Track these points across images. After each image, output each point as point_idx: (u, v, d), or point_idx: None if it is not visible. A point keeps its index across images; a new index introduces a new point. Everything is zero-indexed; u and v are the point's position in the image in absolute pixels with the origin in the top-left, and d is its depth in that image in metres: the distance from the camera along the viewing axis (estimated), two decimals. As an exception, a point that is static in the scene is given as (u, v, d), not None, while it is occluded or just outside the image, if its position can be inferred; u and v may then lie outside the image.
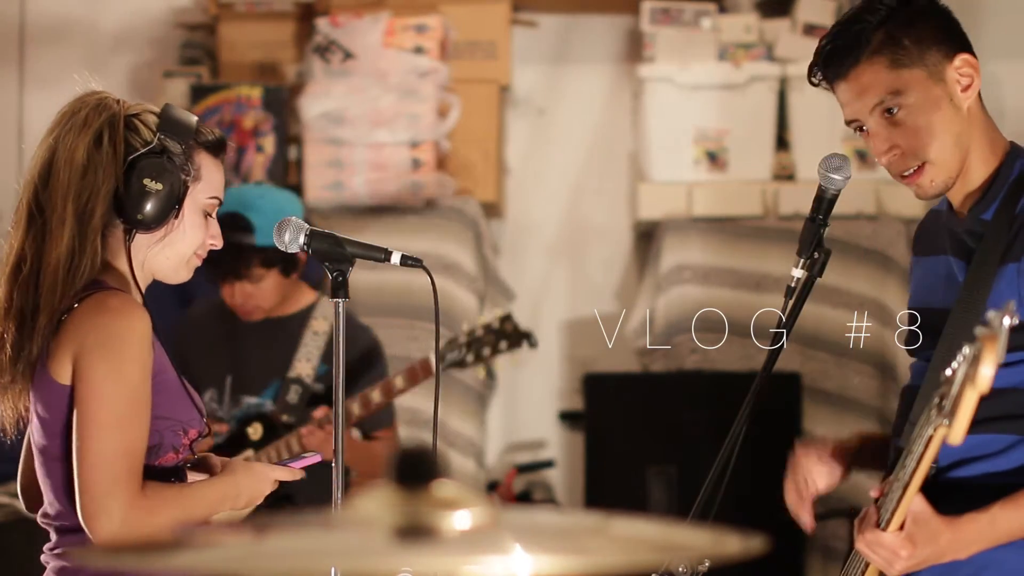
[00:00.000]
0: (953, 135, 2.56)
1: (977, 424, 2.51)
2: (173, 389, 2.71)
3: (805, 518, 2.72)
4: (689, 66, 5.43)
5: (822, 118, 5.40)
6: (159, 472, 2.70)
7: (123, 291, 2.70)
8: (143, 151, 2.69)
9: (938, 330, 2.60)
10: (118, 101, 2.75)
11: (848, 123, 2.64)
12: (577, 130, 5.82)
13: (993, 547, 2.49)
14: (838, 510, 4.75)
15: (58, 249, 2.65)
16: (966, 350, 2.15)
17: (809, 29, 5.44)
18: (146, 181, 2.67)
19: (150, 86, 5.70)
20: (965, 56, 2.58)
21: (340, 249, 2.80)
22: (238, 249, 4.00)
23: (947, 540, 2.45)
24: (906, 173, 2.59)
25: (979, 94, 2.61)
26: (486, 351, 4.20)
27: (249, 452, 4.09)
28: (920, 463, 2.35)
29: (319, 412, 4.07)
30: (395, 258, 2.82)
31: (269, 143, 5.41)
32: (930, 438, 2.29)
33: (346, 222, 5.14)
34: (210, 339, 4.25)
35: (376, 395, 4.14)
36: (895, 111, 2.55)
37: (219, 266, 4.00)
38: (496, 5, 5.53)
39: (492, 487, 5.38)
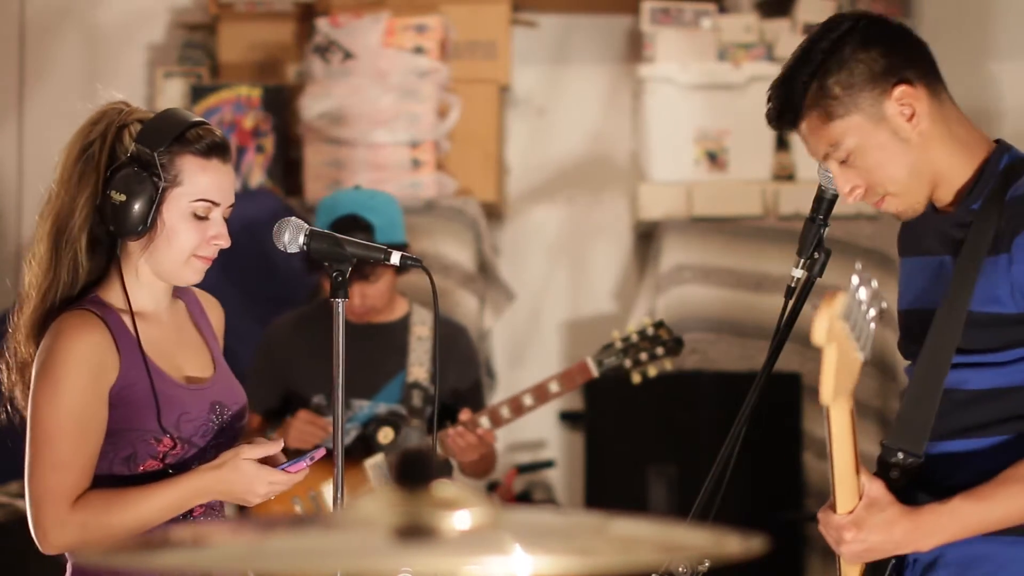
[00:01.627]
0: (906, 167, 2.55)
1: (983, 428, 2.51)
2: (141, 401, 2.73)
3: None
4: (689, 66, 5.43)
5: (822, 118, 5.40)
6: (141, 479, 2.73)
7: (87, 309, 2.73)
8: (121, 162, 2.72)
9: (926, 331, 2.59)
10: (121, 111, 2.77)
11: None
12: (577, 130, 5.82)
13: (962, 539, 2.49)
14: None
15: (38, 266, 2.74)
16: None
17: (809, 29, 5.43)
18: (112, 193, 2.71)
19: (150, 86, 5.70)
20: (902, 87, 2.53)
21: (340, 249, 2.80)
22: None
23: (903, 530, 2.44)
24: (875, 202, 2.61)
25: (936, 111, 2.56)
26: (643, 357, 4.21)
27: (380, 457, 4.11)
28: (829, 436, 2.35)
29: (464, 415, 4.09)
30: (395, 258, 2.82)
31: (269, 143, 5.41)
32: (827, 408, 2.33)
33: (346, 222, 5.13)
34: (308, 346, 4.25)
35: (528, 399, 4.16)
36: (843, 158, 2.56)
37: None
38: (496, 5, 5.53)
39: (492, 487, 5.38)
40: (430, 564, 1.42)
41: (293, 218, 2.83)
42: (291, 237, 2.80)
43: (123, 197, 2.70)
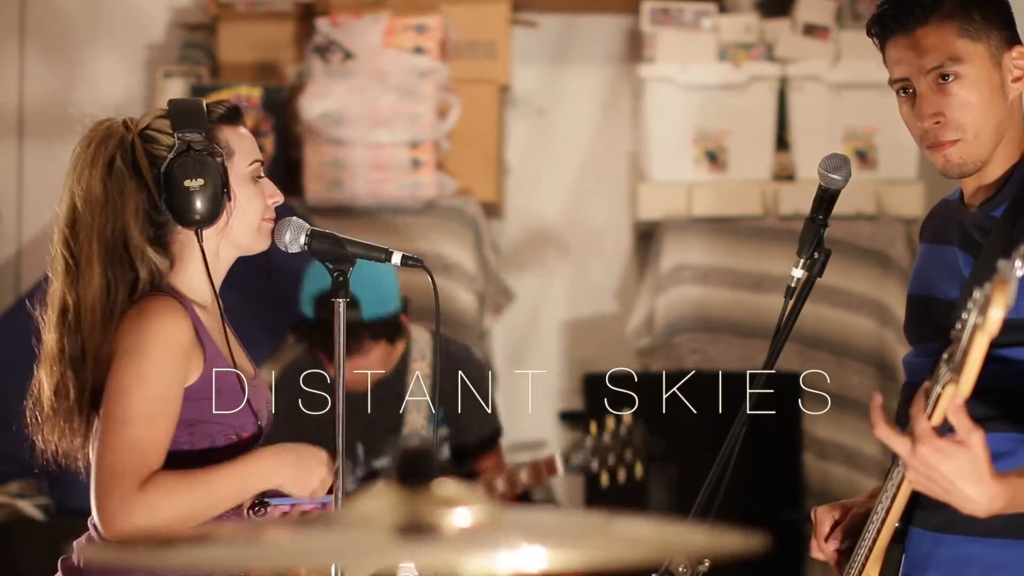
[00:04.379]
0: (996, 120, 2.55)
1: (988, 420, 2.49)
2: (226, 393, 2.74)
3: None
4: (689, 66, 5.43)
5: (822, 118, 5.41)
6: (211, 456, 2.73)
7: (169, 295, 2.73)
8: (171, 157, 2.72)
9: (935, 320, 2.58)
10: (126, 123, 2.78)
11: (893, 82, 2.60)
12: (577, 130, 5.82)
13: (1004, 545, 2.46)
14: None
15: (92, 289, 2.71)
16: (976, 294, 2.08)
17: (809, 29, 5.45)
18: (187, 183, 2.71)
19: (150, 86, 5.70)
20: (1022, 48, 2.57)
21: (340, 249, 2.80)
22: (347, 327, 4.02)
23: (987, 493, 2.21)
24: (940, 141, 2.57)
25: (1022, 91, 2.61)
26: (611, 459, 4.14)
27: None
28: (932, 420, 2.25)
29: None
30: (395, 258, 2.82)
31: (269, 143, 5.41)
32: (939, 396, 2.17)
33: (346, 222, 5.13)
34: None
35: (500, 484, 4.13)
36: (950, 79, 2.54)
37: (329, 345, 4.03)
38: (496, 5, 5.53)
39: (492, 487, 5.38)
40: (430, 563, 1.42)
41: (294, 218, 2.83)
42: (292, 237, 2.80)
43: (200, 181, 2.71)
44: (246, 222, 2.79)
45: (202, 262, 2.75)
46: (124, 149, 2.74)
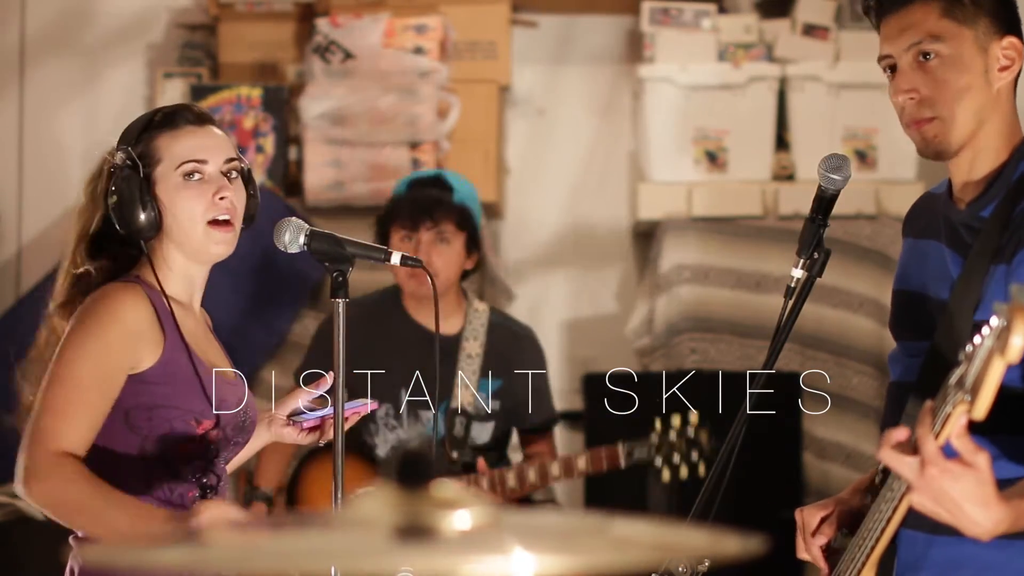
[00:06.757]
0: (975, 104, 2.54)
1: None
2: (184, 380, 2.74)
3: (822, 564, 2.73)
4: (689, 66, 5.43)
5: (822, 118, 5.41)
6: (170, 459, 2.73)
7: (136, 283, 2.76)
8: (103, 178, 2.81)
9: (922, 318, 2.58)
10: (112, 152, 2.84)
11: (881, 59, 2.61)
12: (577, 130, 5.82)
13: (996, 546, 2.45)
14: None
15: (67, 274, 2.81)
16: (993, 321, 2.05)
17: (809, 29, 5.44)
18: (109, 201, 2.77)
19: (150, 86, 5.70)
20: (1014, 39, 2.56)
21: (340, 249, 2.80)
22: (438, 199, 4.13)
23: (992, 516, 2.18)
24: (916, 119, 2.57)
25: (1014, 84, 2.60)
26: (676, 458, 4.14)
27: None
28: (938, 440, 2.23)
29: (480, 465, 4.14)
30: (395, 258, 2.82)
31: (269, 143, 5.42)
32: (947, 416, 2.14)
33: (346, 222, 5.13)
34: (375, 350, 4.13)
35: (555, 469, 4.15)
36: (930, 56, 2.54)
37: (415, 212, 4.10)
38: (496, 5, 5.53)
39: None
40: (430, 564, 1.42)
41: (293, 218, 2.83)
42: (291, 237, 2.80)
43: (114, 199, 2.75)
44: (184, 229, 2.79)
45: (163, 268, 2.80)
46: (101, 171, 2.84)
